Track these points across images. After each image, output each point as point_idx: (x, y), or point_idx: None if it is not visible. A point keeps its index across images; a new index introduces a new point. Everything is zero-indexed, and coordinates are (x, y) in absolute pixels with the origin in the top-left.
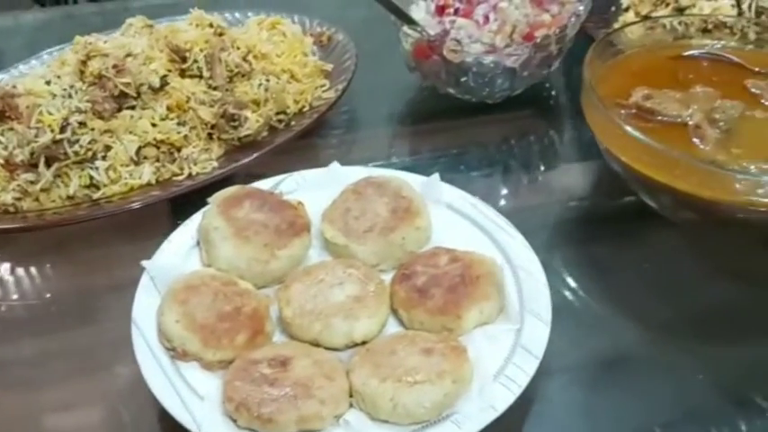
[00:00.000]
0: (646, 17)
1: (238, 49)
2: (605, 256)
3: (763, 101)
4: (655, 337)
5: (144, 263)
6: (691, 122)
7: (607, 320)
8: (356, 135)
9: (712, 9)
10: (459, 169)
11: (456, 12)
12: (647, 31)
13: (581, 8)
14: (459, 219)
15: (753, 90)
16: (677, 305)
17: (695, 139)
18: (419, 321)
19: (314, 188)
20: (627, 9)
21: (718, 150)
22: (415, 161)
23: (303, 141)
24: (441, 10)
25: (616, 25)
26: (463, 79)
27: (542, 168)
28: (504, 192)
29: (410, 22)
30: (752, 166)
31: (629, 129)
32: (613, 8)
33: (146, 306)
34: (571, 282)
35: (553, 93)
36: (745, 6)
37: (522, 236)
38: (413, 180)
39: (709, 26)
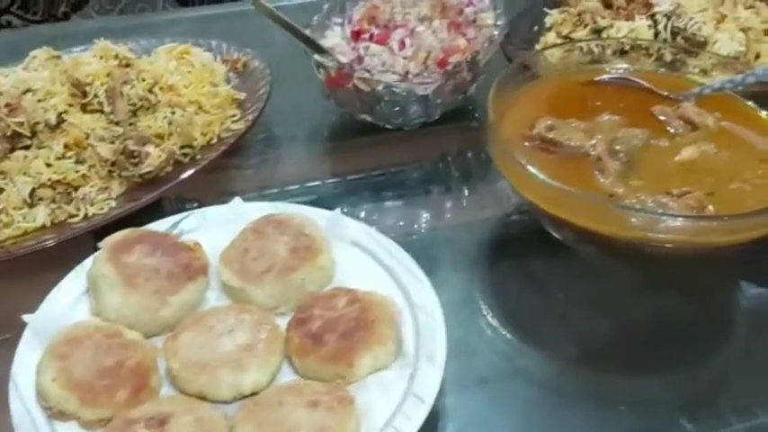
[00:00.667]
0: (567, 38)
1: (144, 80)
2: (520, 283)
3: (669, 128)
4: (572, 368)
5: (26, 317)
6: (593, 153)
7: (521, 352)
8: (273, 163)
9: (629, 30)
10: (377, 194)
11: (371, 37)
12: (566, 54)
13: (495, 33)
14: (363, 256)
15: (660, 117)
16: (597, 332)
17: (596, 172)
18: (312, 369)
19: (215, 227)
20: (550, 29)
21: (617, 183)
22: (333, 186)
23: (217, 173)
24: (356, 35)
25: (538, 47)
26: (377, 107)
27: (462, 192)
28: (419, 216)
29: (320, 50)
30: (650, 200)
31: (523, 163)
32: (536, 27)
33: (27, 363)
34: (483, 311)
35: (476, 114)
36: (660, 27)
37: (423, 274)
38: (318, 215)
39: (626, 48)
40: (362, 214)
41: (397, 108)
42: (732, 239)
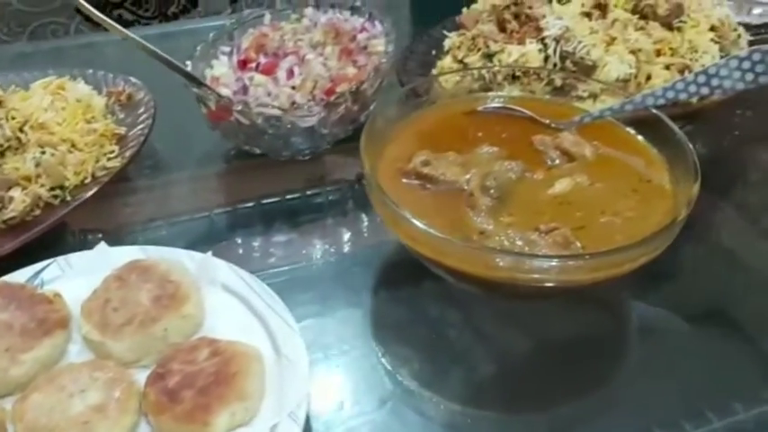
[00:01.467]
0: (461, 62)
1: (14, 119)
2: (417, 310)
3: (546, 159)
4: (477, 401)
5: None
6: (465, 189)
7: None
8: (163, 194)
9: (520, 55)
10: (269, 223)
11: (257, 67)
12: (459, 80)
13: (384, 61)
14: (233, 302)
15: (538, 147)
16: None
17: (467, 209)
18: (168, 429)
19: (79, 274)
20: (448, 52)
21: (488, 220)
22: (225, 216)
23: (96, 209)
24: (243, 64)
25: (435, 71)
26: (261, 140)
27: (359, 219)
28: (312, 246)
29: (198, 83)
30: (518, 237)
31: (390, 202)
32: (434, 51)
33: None
34: (375, 346)
35: None
36: (550, 51)
37: (294, 320)
38: (188, 258)
39: (517, 73)
40: (255, 244)
41: (281, 140)
42: (598, 277)
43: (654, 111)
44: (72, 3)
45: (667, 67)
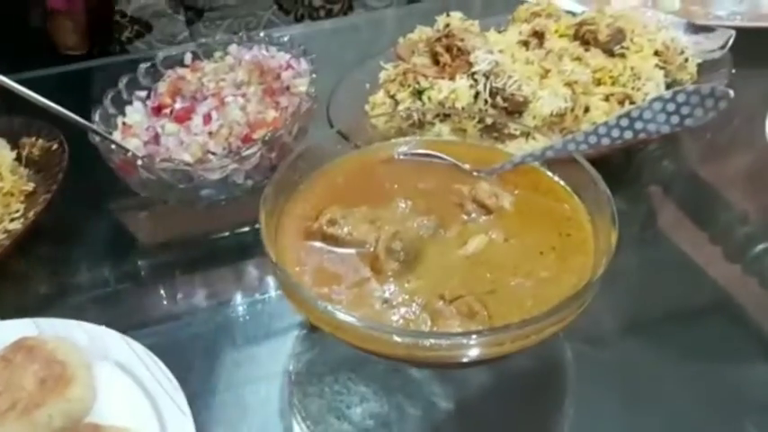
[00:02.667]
0: (392, 97)
1: None
2: (313, 397)
3: (463, 214)
4: None
5: None
6: (371, 252)
7: None
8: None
9: (450, 91)
10: (189, 267)
11: (172, 113)
12: (389, 118)
13: (305, 104)
14: (126, 380)
15: (454, 200)
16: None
17: (373, 273)
18: None
19: None
20: (383, 84)
21: (394, 286)
22: (144, 264)
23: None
24: (157, 110)
25: (367, 107)
26: (171, 192)
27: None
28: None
29: (102, 136)
30: (422, 307)
31: (278, 272)
32: (368, 85)
33: None
34: (297, 411)
35: None
36: (480, 87)
37: (186, 404)
38: (81, 330)
39: (447, 111)
40: (179, 295)
41: (191, 193)
42: (503, 351)
43: (575, 157)
44: None
45: (606, 98)
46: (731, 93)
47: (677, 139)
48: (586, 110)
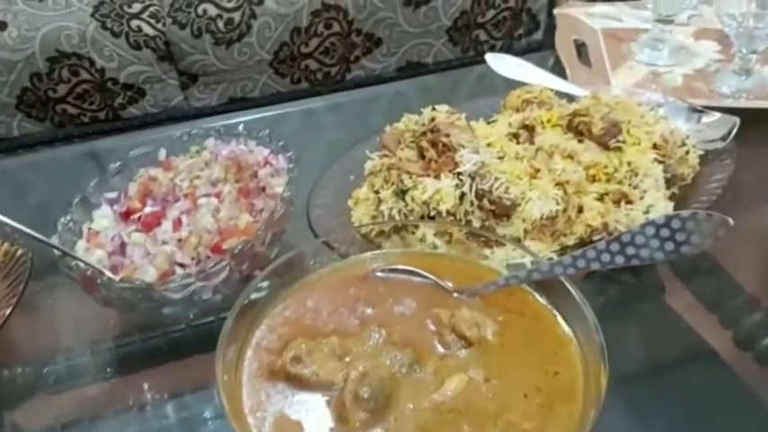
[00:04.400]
0: (377, 193)
1: None
2: None
3: (441, 346)
4: None
5: None
6: (336, 397)
7: None
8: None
9: (434, 191)
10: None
11: (140, 219)
12: (372, 219)
13: (280, 208)
14: None
15: (432, 327)
16: None
17: (339, 423)
18: None
19: None
20: (369, 176)
21: None
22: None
23: None
24: (126, 216)
25: (350, 202)
26: (136, 310)
27: None
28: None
29: (62, 251)
30: None
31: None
32: (352, 177)
33: None
34: None
35: None
36: (465, 188)
37: None
38: None
39: (432, 212)
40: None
41: (155, 311)
42: None
43: (563, 281)
44: None
45: (601, 198)
46: (730, 221)
47: None
48: (580, 210)
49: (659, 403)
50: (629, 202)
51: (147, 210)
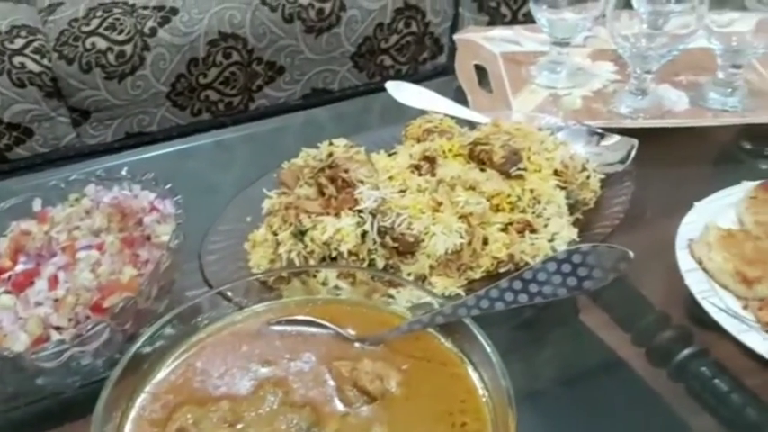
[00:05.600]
0: (276, 234)
1: None
2: None
3: (342, 404)
4: None
5: None
6: None
7: None
8: None
9: (335, 231)
10: None
11: (10, 279)
12: (270, 264)
13: (164, 258)
14: None
15: (332, 383)
16: None
17: None
18: None
19: None
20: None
21: None
22: None
23: None
24: None
25: (247, 246)
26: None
27: None
28: None
29: None
30: None
31: None
32: (249, 218)
33: None
34: None
35: None
36: (367, 226)
37: None
38: None
39: (333, 253)
40: None
41: (28, 382)
42: None
43: (467, 324)
44: None
45: (505, 228)
46: (631, 254)
47: None
48: (485, 242)
49: (577, 421)
50: (533, 231)
51: (19, 268)
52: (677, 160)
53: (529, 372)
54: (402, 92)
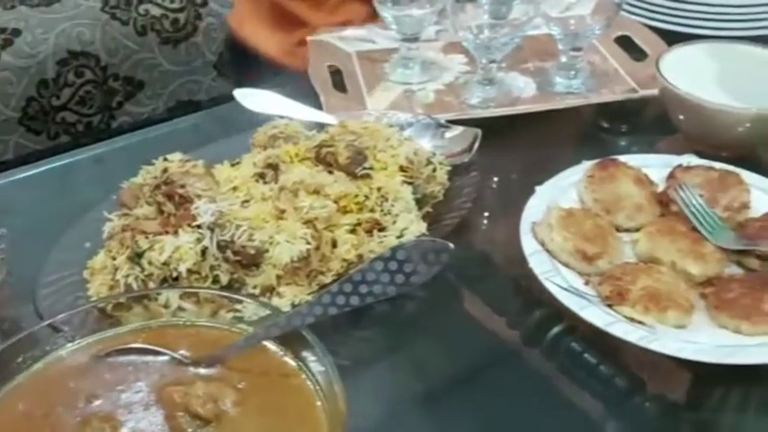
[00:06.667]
0: (115, 258)
1: None
2: None
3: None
4: None
5: None
6: None
7: None
8: None
9: (173, 249)
10: None
11: None
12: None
13: None
14: None
15: (165, 410)
16: None
17: None
18: None
19: None
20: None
21: None
22: None
23: None
24: None
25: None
26: None
27: None
28: None
29: None
30: None
31: None
32: (88, 243)
33: None
34: None
35: None
36: (206, 242)
37: None
38: None
39: (174, 274)
40: None
41: None
42: None
43: (303, 333)
44: None
45: (353, 230)
46: (451, 245)
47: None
48: (334, 245)
49: (467, 407)
50: (381, 229)
51: None
52: (526, 146)
53: (417, 362)
54: (251, 99)
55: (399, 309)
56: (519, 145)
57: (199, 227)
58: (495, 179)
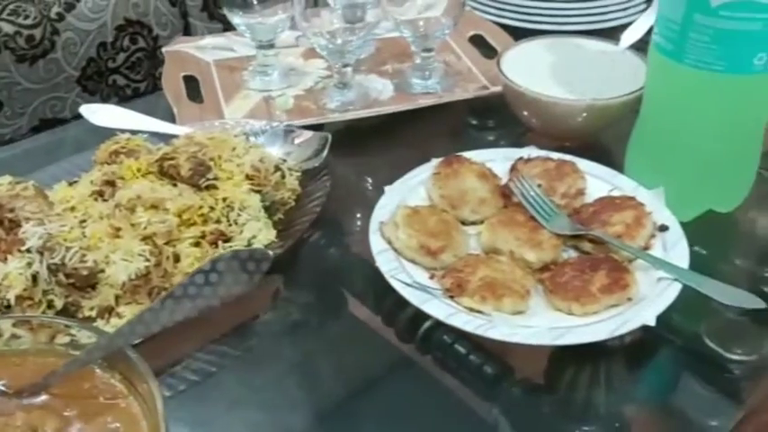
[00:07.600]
0: None
1: None
2: None
3: None
4: None
5: None
6: None
7: None
8: None
9: (3, 276)
10: None
11: None
12: None
13: None
14: None
15: None
16: None
17: None
18: None
19: None
20: None
21: None
22: None
23: None
24: None
25: None
26: None
27: None
28: None
29: None
30: None
31: None
32: None
33: None
34: None
35: None
36: (36, 266)
37: None
38: None
39: (7, 301)
40: None
41: None
42: None
43: (128, 354)
44: None
45: (197, 243)
46: (270, 253)
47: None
48: (177, 260)
49: (367, 415)
50: (227, 241)
51: None
52: (381, 148)
53: (312, 375)
54: (99, 114)
55: (287, 314)
56: (375, 147)
57: (29, 251)
58: (349, 182)
